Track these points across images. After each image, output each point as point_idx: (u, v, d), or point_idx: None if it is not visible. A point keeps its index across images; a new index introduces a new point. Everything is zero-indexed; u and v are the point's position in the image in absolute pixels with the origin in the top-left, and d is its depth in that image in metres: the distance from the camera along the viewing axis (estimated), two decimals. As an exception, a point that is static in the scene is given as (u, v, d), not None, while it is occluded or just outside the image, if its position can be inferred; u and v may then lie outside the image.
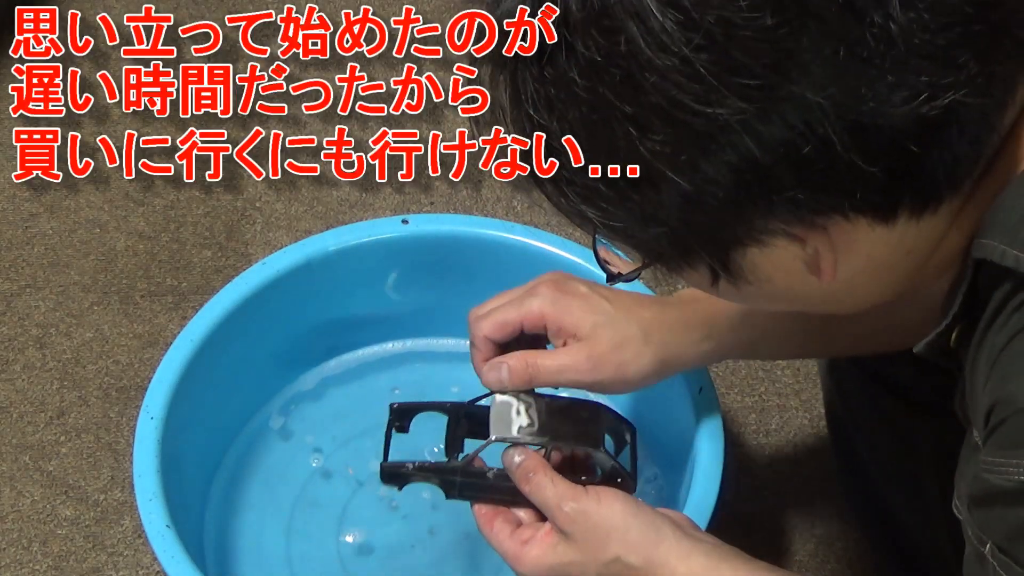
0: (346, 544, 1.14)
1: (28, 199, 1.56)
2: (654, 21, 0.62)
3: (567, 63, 0.66)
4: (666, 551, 0.86)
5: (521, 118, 0.70)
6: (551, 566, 0.88)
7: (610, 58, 0.64)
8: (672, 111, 0.64)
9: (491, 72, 0.71)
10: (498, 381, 0.95)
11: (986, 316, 0.70)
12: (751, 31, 0.62)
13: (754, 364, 1.41)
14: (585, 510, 0.87)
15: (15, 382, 1.38)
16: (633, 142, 0.66)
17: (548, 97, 0.68)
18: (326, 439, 1.21)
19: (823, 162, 0.64)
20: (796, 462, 1.35)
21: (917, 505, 1.08)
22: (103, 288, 1.47)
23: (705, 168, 0.65)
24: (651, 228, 0.70)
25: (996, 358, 0.69)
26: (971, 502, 0.72)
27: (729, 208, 0.67)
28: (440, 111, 0.83)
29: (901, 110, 0.63)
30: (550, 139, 0.69)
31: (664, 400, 1.13)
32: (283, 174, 0.97)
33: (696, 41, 0.62)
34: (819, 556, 1.27)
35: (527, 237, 1.21)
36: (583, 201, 0.71)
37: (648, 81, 0.63)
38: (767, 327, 0.99)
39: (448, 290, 1.24)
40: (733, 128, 0.64)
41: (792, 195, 0.66)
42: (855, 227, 0.68)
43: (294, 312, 1.20)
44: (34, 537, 1.27)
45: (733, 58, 0.62)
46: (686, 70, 0.63)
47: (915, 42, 0.62)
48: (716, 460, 1.05)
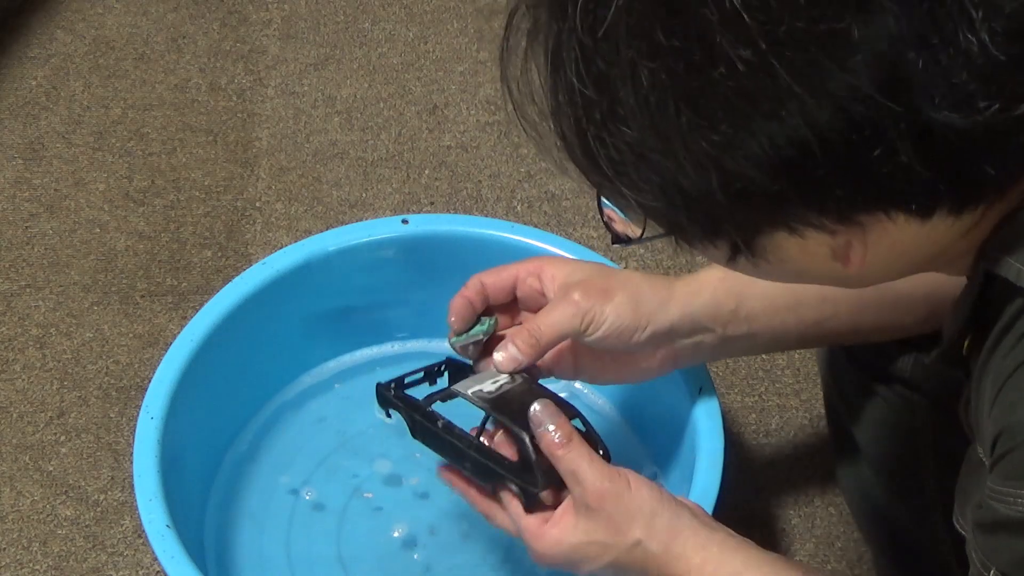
0: (346, 544, 1.14)
1: (28, 199, 1.56)
2: (728, 6, 0.61)
3: (629, 33, 0.64)
4: (684, 541, 0.87)
5: (558, 85, 0.68)
6: (573, 545, 0.88)
7: (681, 39, 0.63)
8: (737, 101, 0.63)
9: (530, 28, 0.69)
10: (511, 359, 0.96)
11: (995, 332, 0.70)
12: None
13: (754, 364, 1.41)
14: (619, 491, 0.87)
15: (15, 382, 1.38)
16: (687, 125, 0.64)
17: (599, 72, 0.66)
18: (326, 440, 1.21)
19: (882, 165, 0.63)
20: (796, 462, 1.35)
21: (917, 504, 1.08)
22: (103, 288, 1.47)
23: (757, 160, 0.64)
24: (684, 210, 0.69)
25: (1002, 384, 0.69)
26: (976, 527, 0.73)
27: (772, 200, 0.66)
28: (441, 110, 0.83)
29: (974, 119, 0.62)
30: (590, 108, 0.67)
31: (664, 400, 1.13)
32: (283, 174, 0.97)
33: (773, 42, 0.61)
34: (819, 556, 1.28)
35: (527, 237, 1.21)
36: (615, 171, 0.69)
37: (716, 70, 0.62)
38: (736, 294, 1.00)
39: (448, 290, 1.23)
40: (795, 121, 0.62)
41: (841, 194, 0.65)
42: (893, 222, 0.67)
43: (294, 312, 1.20)
44: (34, 537, 1.27)
45: (811, 54, 0.61)
46: (762, 63, 0.62)
47: (994, 53, 0.61)
48: (716, 460, 1.05)
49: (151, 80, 1.71)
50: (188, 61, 1.74)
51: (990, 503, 0.70)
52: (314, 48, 1.77)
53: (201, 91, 1.70)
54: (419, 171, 1.61)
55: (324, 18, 1.81)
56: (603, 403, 1.23)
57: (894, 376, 1.07)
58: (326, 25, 1.80)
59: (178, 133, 1.64)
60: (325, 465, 1.20)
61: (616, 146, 0.67)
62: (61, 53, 1.75)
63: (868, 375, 1.10)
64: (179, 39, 1.77)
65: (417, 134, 1.65)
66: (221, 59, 1.74)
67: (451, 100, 1.69)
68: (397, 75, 1.73)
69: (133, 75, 1.72)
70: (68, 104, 1.68)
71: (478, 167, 1.61)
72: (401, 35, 1.79)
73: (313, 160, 1.61)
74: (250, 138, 1.64)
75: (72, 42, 1.76)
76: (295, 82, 1.71)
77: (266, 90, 1.70)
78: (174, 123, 1.65)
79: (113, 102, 1.68)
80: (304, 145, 1.63)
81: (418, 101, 1.69)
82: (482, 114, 1.67)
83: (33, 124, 1.65)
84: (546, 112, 0.70)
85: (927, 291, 0.93)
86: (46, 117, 1.66)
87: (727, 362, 1.41)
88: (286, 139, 1.64)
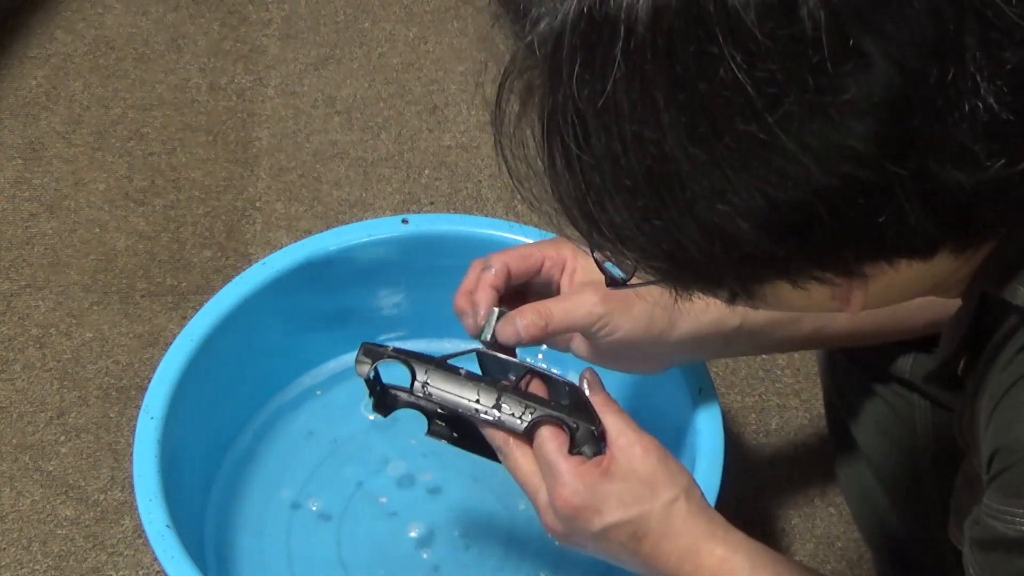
0: (346, 545, 1.14)
1: (28, 199, 1.56)
2: (732, 81, 0.60)
3: (631, 107, 0.62)
4: (714, 516, 0.89)
5: (554, 151, 0.66)
6: (606, 490, 0.87)
7: (686, 113, 0.61)
8: (742, 171, 0.62)
9: (523, 92, 0.67)
10: (514, 333, 0.96)
11: (990, 347, 0.70)
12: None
13: (754, 364, 1.41)
14: (663, 454, 0.88)
15: (15, 382, 1.38)
16: (692, 195, 0.63)
17: (600, 142, 0.64)
18: (326, 439, 1.21)
19: (889, 225, 0.63)
20: (796, 462, 1.35)
21: (916, 505, 1.08)
22: (103, 288, 1.47)
23: (763, 225, 0.63)
24: (687, 270, 0.68)
25: (999, 401, 0.69)
26: (973, 544, 0.73)
27: (777, 260, 0.65)
28: (441, 110, 0.83)
29: (979, 176, 0.62)
30: (590, 176, 0.65)
31: (664, 400, 1.13)
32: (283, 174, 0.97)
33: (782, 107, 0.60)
34: (819, 556, 1.28)
35: (527, 237, 1.20)
36: (617, 236, 0.67)
37: (722, 143, 0.61)
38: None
39: (448, 290, 1.23)
40: (801, 189, 0.62)
41: (847, 254, 0.65)
42: (895, 269, 0.67)
43: (294, 312, 1.20)
44: (34, 537, 1.27)
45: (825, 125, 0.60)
46: (768, 135, 0.61)
47: (999, 113, 0.60)
48: (716, 460, 1.05)
49: (151, 80, 1.71)
50: (188, 61, 1.74)
51: (987, 521, 0.70)
52: (314, 48, 1.76)
53: (201, 91, 1.70)
54: (419, 171, 1.61)
55: (324, 18, 1.81)
56: (603, 403, 1.23)
57: (894, 376, 1.07)
58: (326, 25, 1.80)
59: (178, 133, 1.64)
60: (325, 465, 1.20)
61: (618, 212, 0.66)
62: (61, 53, 1.74)
63: (868, 375, 1.10)
64: (179, 39, 1.77)
65: (417, 134, 1.65)
66: (221, 59, 1.74)
67: (451, 100, 1.69)
68: (397, 75, 1.73)
69: (133, 75, 1.72)
70: (68, 104, 1.68)
71: (478, 167, 1.61)
72: (401, 35, 1.79)
73: (313, 160, 1.61)
74: (250, 138, 1.64)
75: (72, 42, 1.76)
76: (295, 82, 1.71)
77: (266, 90, 1.70)
78: (174, 123, 1.65)
79: (113, 102, 1.68)
80: (304, 145, 1.63)
81: (418, 101, 1.69)
82: (482, 114, 1.67)
83: (33, 124, 1.65)
84: (543, 176, 0.68)
85: (925, 301, 0.93)
86: (46, 117, 1.66)
87: (727, 362, 1.41)
88: (286, 139, 1.64)
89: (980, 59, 0.60)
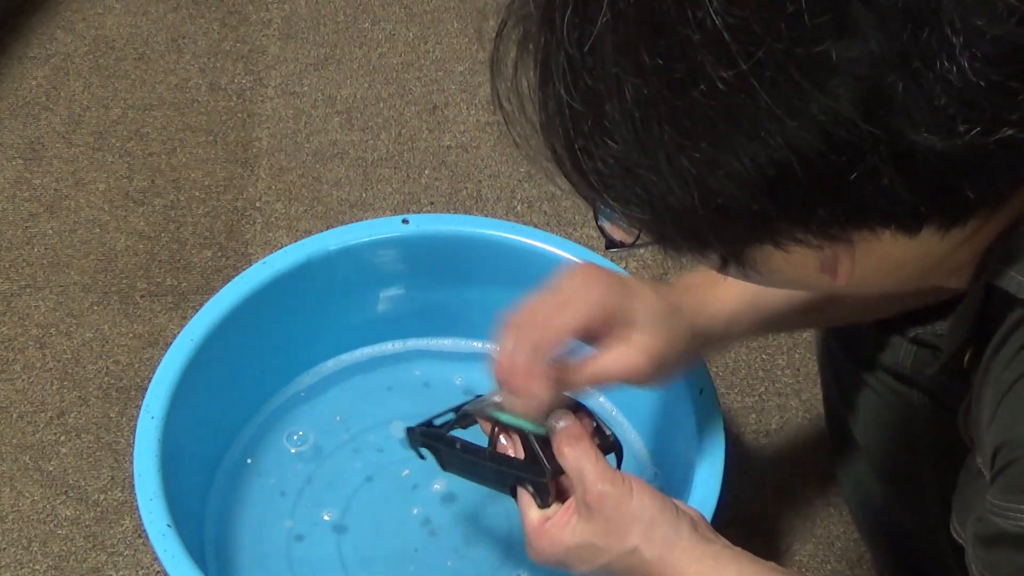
0: (347, 544, 1.14)
1: (28, 199, 1.56)
2: (710, 27, 0.61)
3: (615, 50, 0.64)
4: (680, 552, 0.86)
5: (547, 97, 0.68)
6: (568, 546, 0.89)
7: (664, 58, 0.63)
8: (718, 120, 0.63)
9: (520, 39, 0.69)
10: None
11: (994, 343, 0.70)
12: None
13: (754, 364, 1.41)
14: (620, 496, 0.87)
15: (15, 382, 1.38)
16: (669, 142, 0.65)
17: (587, 86, 0.66)
18: (326, 439, 1.21)
19: (863, 186, 0.64)
20: (796, 462, 1.35)
21: (916, 504, 1.08)
22: (103, 288, 1.47)
23: (738, 178, 0.64)
24: (670, 224, 0.69)
25: (1002, 397, 0.69)
26: (976, 540, 0.73)
27: (754, 217, 0.66)
28: (441, 110, 0.83)
29: (954, 142, 0.62)
30: (578, 122, 0.67)
31: (664, 401, 1.13)
32: (283, 174, 0.97)
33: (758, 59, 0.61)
34: (819, 556, 1.28)
35: (527, 237, 1.21)
36: (603, 185, 0.69)
37: (698, 88, 0.62)
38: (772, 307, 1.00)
39: (448, 290, 1.24)
40: (775, 142, 0.63)
41: (823, 213, 0.66)
42: (879, 238, 0.67)
43: (294, 312, 1.20)
44: (34, 537, 1.27)
45: (790, 77, 0.61)
46: (742, 84, 0.62)
47: (973, 79, 0.61)
48: (716, 460, 1.05)
49: (151, 80, 1.71)
50: (188, 61, 1.74)
51: (991, 518, 0.70)
52: (314, 48, 1.77)
53: (201, 91, 1.70)
54: (419, 171, 1.61)
55: (324, 18, 1.81)
56: (603, 403, 1.23)
57: (892, 371, 1.07)
58: (326, 25, 1.80)
59: (178, 133, 1.64)
60: (325, 465, 1.20)
61: (603, 159, 0.67)
62: (61, 53, 1.75)
63: (866, 370, 1.10)
64: (179, 39, 1.77)
65: (417, 134, 1.65)
66: (221, 59, 1.74)
67: (451, 100, 1.69)
68: (397, 75, 1.73)
69: (133, 75, 1.72)
70: (68, 104, 1.68)
71: (478, 167, 1.61)
72: (401, 35, 1.79)
73: (313, 160, 1.61)
74: (250, 138, 1.64)
75: (72, 42, 1.76)
76: (295, 82, 1.71)
77: (266, 90, 1.70)
78: (174, 123, 1.65)
79: (113, 102, 1.68)
80: (304, 145, 1.63)
81: (418, 101, 1.69)
82: (482, 114, 1.67)
83: (33, 124, 1.65)
84: (536, 124, 0.70)
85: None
86: (46, 117, 1.66)
87: (727, 362, 1.41)
88: (286, 139, 1.64)
89: (956, 22, 0.60)
